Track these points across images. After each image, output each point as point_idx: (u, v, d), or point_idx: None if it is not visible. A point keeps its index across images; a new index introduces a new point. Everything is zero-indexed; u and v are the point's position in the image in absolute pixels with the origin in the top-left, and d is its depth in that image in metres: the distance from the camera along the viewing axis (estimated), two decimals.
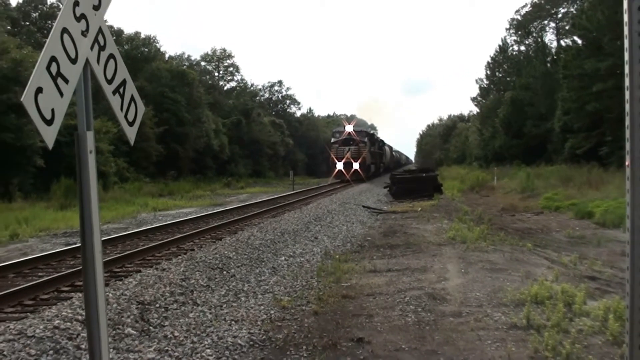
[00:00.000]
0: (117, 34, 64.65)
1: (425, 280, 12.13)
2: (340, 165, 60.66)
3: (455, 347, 8.04)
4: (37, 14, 65.08)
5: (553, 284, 11.05)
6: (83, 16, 4.05)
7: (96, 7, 4.18)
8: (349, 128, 63.08)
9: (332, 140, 65.02)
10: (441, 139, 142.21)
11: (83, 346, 7.98)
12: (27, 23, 63.51)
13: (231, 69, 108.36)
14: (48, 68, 3.71)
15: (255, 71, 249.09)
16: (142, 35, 68.79)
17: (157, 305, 10.31)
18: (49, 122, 3.66)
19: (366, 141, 63.40)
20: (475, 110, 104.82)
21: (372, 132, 75.11)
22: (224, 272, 13.32)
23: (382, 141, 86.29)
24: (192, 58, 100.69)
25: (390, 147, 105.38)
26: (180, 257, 14.68)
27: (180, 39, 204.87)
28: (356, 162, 60.47)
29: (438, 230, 19.89)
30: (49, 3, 64.27)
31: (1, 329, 8.54)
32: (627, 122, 3.30)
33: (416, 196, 35.31)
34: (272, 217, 24.06)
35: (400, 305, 10.34)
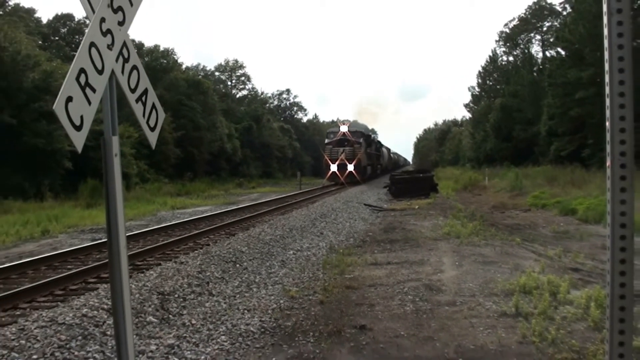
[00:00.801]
0: (139, 47, 64.73)
1: (423, 272, 12.13)
2: (334, 167, 54.33)
3: (450, 333, 8.06)
4: (65, 29, 65.18)
5: (539, 275, 11.04)
6: (109, 31, 4.07)
7: (121, 23, 4.20)
8: (344, 128, 56.26)
9: (326, 141, 58.50)
10: (437, 142, 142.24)
11: (109, 332, 8.01)
12: (57, 38, 63.64)
13: (243, 78, 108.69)
14: (77, 79, 3.73)
15: (263, 79, 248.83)
16: (161, 48, 68.92)
17: (176, 296, 10.33)
18: (78, 128, 3.68)
19: (361, 142, 56.65)
20: (468, 115, 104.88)
21: (368, 133, 67.13)
22: (237, 265, 13.34)
23: (379, 143, 80.00)
24: (207, 68, 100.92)
25: (388, 149, 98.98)
26: (196, 251, 14.68)
27: (195, 50, 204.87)
28: (351, 163, 53.77)
29: (434, 226, 19.88)
30: (76, 19, 64.39)
31: (35, 316, 8.58)
32: (608, 126, 3.32)
33: (414, 195, 35.28)
34: (281, 214, 24.06)
35: (399, 295, 10.35)
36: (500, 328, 8.12)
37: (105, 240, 4.13)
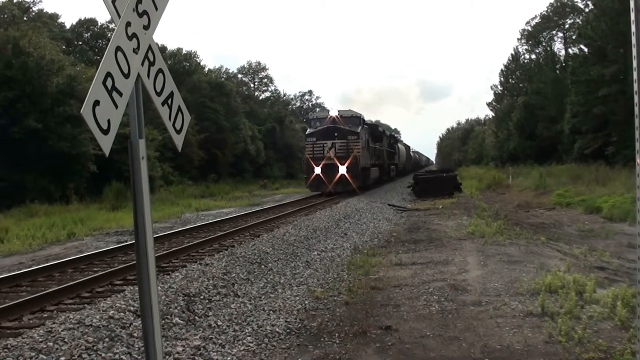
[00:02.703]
0: (162, 50, 64.51)
1: (447, 272, 12.10)
2: (317, 170, 37.13)
3: (476, 333, 8.03)
4: (89, 34, 65.56)
5: (565, 274, 10.97)
6: (134, 35, 4.09)
7: (146, 27, 4.22)
8: (334, 112, 39.32)
9: (308, 131, 40.97)
10: (460, 141, 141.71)
11: (135, 334, 8.04)
12: (80, 42, 64.04)
13: (265, 80, 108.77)
14: (104, 83, 3.75)
15: (285, 80, 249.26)
16: (184, 51, 69.20)
17: (202, 297, 10.37)
18: (106, 132, 3.70)
19: (360, 132, 38.44)
20: (490, 114, 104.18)
21: (376, 124, 52.52)
22: (262, 266, 13.37)
23: (393, 137, 65.61)
24: (230, 71, 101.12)
25: (408, 147, 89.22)
26: (221, 252, 14.72)
27: (218, 53, 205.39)
28: (343, 163, 36.79)
29: (458, 225, 19.81)
30: (99, 24, 64.79)
31: (62, 318, 8.65)
32: (637, 123, 3.29)
33: (437, 195, 35.18)
34: (305, 215, 24.07)
35: (424, 295, 10.33)
36: (527, 328, 8.08)
37: (131, 242, 4.15)
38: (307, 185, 39.16)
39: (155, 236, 17.84)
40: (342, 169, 36.47)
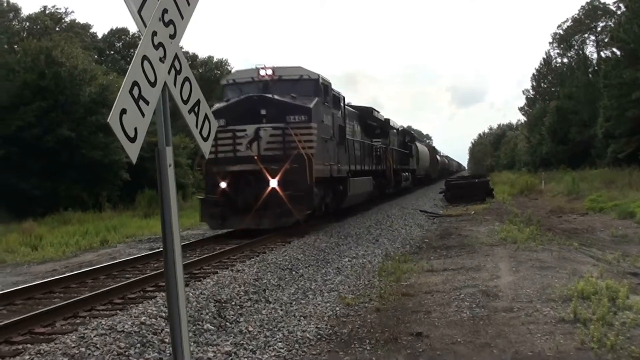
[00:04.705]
0: (192, 58, 65.50)
1: (479, 279, 12.01)
2: (223, 184, 19.18)
3: (508, 340, 7.96)
4: (120, 43, 66.27)
5: (598, 280, 10.84)
6: (161, 44, 4.14)
7: (172, 36, 4.27)
8: (265, 72, 21.02)
9: (215, 107, 20.76)
10: (492, 146, 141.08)
11: (167, 340, 8.09)
12: (112, 52, 64.77)
13: None
14: (131, 91, 3.80)
15: None
16: (215, 59, 69.60)
17: (233, 303, 10.40)
18: (133, 140, 3.76)
19: (316, 109, 20.38)
20: (522, 119, 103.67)
21: (372, 109, 32.78)
22: (293, 272, 13.37)
23: (407, 133, 48.94)
24: None
25: (433, 149, 78.58)
26: (253, 259, 14.75)
27: (246, 57, 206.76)
28: (275, 171, 18.77)
29: (490, 231, 19.66)
30: (130, 34, 65.42)
31: (94, 324, 8.72)
32: None
33: (469, 200, 34.94)
34: (336, 221, 24.01)
35: (455, 302, 10.26)
36: (558, 334, 8.00)
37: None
38: (202, 216, 20.49)
39: (187, 243, 18.07)
40: (273, 182, 18.77)
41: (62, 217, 29.60)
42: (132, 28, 65.85)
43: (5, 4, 47.54)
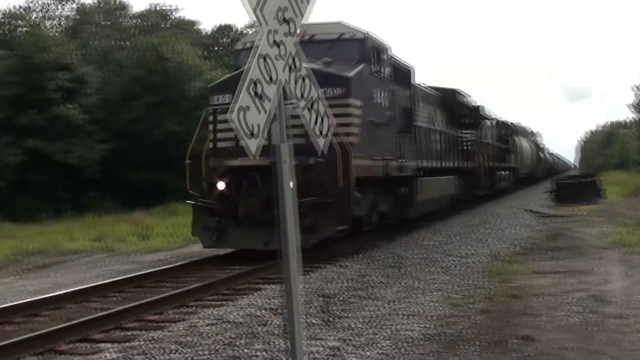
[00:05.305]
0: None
1: (589, 282, 11.73)
2: (221, 185, 14.71)
3: (620, 347, 7.75)
4: (225, 39, 67.32)
5: None
6: (280, 43, 4.24)
7: (291, 34, 4.36)
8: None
9: (215, 82, 19.18)
10: (601, 145, 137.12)
11: (275, 332, 8.26)
12: (218, 48, 65.89)
13: None
14: (250, 89, 3.91)
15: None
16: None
17: (338, 299, 10.51)
18: (253, 136, 3.87)
19: (360, 80, 15.54)
20: (632, 116, 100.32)
21: (458, 91, 27.64)
22: (397, 270, 13.37)
23: (505, 125, 42.56)
24: None
25: (538, 146, 70.69)
26: (358, 255, 14.82)
27: None
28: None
29: (600, 234, 19.16)
30: (237, 30, 66.39)
31: (202, 314, 9.03)
32: None
33: (578, 200, 34.12)
34: (439, 220, 23.87)
35: (564, 305, 10.05)
36: None
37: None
38: (193, 229, 15.99)
39: None
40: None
41: (169, 208, 30.43)
42: (240, 24, 66.99)
43: (112, 2, 49.02)
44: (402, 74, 19.05)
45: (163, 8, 57.14)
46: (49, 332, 8.54)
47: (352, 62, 15.65)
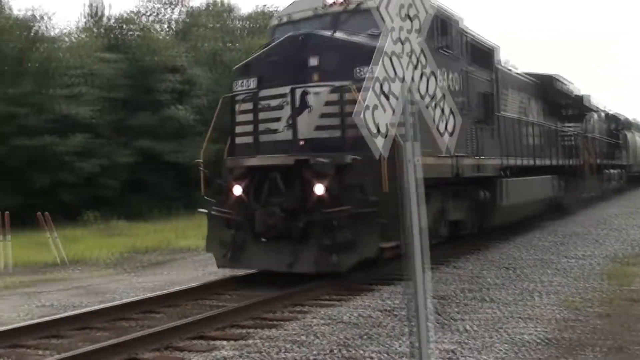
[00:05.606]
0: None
1: None
2: (237, 190, 11.72)
3: None
4: None
5: None
6: (405, 40, 4.22)
7: (417, 31, 4.33)
8: None
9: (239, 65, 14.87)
10: None
11: (390, 334, 8.26)
12: None
13: None
14: (378, 88, 3.91)
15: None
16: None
17: (453, 300, 10.42)
18: (380, 134, 3.86)
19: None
20: None
21: (557, 78, 23.49)
22: (510, 271, 13.17)
23: (615, 119, 38.15)
24: None
25: None
26: (471, 256, 14.65)
27: None
28: (326, 168, 10.97)
29: None
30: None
31: (316, 314, 9.11)
32: None
33: None
34: (552, 220, 23.25)
35: None
36: None
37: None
38: (207, 244, 13.17)
39: None
40: (319, 188, 11.04)
41: None
42: None
43: (221, 5, 49.84)
44: (480, 53, 16.22)
45: (270, 10, 58.04)
46: (165, 329, 8.78)
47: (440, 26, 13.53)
